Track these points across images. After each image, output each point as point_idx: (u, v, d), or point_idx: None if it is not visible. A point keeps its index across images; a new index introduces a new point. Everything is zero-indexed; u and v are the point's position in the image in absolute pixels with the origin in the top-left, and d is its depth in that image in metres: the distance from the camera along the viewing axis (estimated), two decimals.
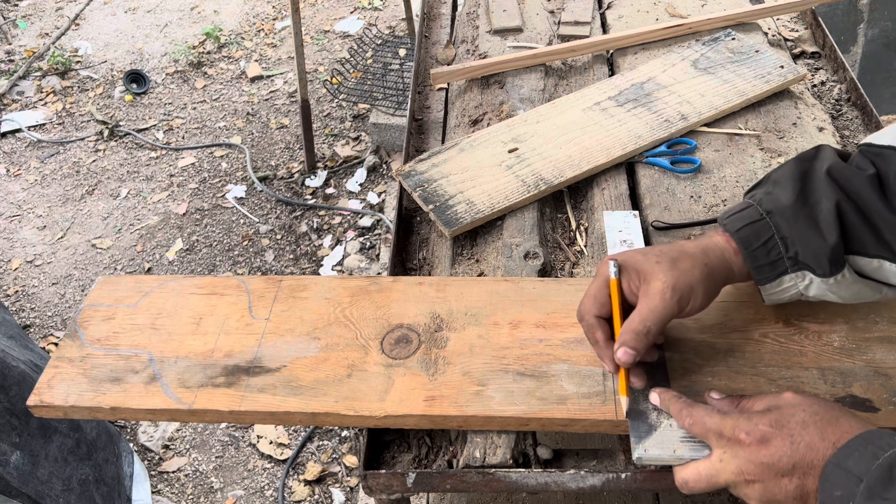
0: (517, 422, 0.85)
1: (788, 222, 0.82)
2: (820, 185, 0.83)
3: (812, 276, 0.83)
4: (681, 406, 0.78)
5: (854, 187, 0.82)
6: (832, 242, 0.80)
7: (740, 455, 0.70)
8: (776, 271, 0.84)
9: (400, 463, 0.89)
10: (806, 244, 0.82)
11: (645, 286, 0.82)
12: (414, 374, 0.90)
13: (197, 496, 2.22)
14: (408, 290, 1.00)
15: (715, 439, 0.73)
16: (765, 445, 0.68)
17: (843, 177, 0.82)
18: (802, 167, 0.86)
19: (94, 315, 1.01)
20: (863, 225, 0.81)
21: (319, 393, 0.88)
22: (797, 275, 0.84)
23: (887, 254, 0.81)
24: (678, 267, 0.82)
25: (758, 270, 0.84)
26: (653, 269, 0.82)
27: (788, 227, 0.82)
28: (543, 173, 1.19)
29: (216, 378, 0.91)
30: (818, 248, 0.81)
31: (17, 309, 2.83)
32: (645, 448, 0.78)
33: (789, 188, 0.84)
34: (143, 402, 0.90)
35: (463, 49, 1.61)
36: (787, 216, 0.83)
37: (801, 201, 0.83)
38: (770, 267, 0.84)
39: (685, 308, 0.82)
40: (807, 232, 0.82)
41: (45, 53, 4.18)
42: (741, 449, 0.70)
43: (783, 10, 1.54)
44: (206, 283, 1.04)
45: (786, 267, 0.83)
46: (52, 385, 0.93)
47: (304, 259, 2.92)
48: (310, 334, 0.96)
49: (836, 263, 0.81)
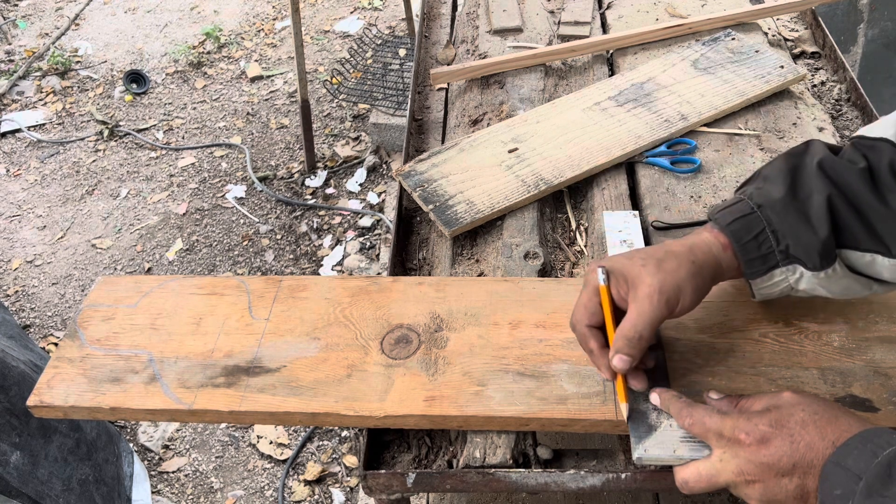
0: (517, 422, 0.85)
1: (779, 216, 0.82)
2: (811, 179, 0.82)
3: (803, 269, 0.82)
4: (680, 406, 0.77)
5: (845, 180, 0.81)
6: (823, 236, 0.80)
7: (740, 455, 0.70)
8: (767, 265, 0.83)
9: (400, 463, 0.89)
10: (797, 237, 0.81)
11: (633, 291, 0.81)
12: (414, 374, 0.89)
13: (197, 496, 2.22)
14: (407, 290, 1.00)
15: (715, 439, 0.73)
16: (765, 445, 0.68)
17: (833, 170, 0.82)
18: (793, 162, 0.85)
19: (94, 315, 1.01)
20: (855, 219, 0.81)
21: (319, 393, 0.88)
22: (788, 268, 0.83)
23: (880, 248, 0.81)
24: (664, 268, 0.81)
25: (749, 264, 0.84)
26: (639, 273, 0.82)
27: (779, 220, 0.82)
28: (543, 173, 1.19)
29: (216, 378, 0.91)
30: (809, 241, 0.81)
31: (17, 309, 2.83)
32: (645, 448, 0.78)
33: (780, 182, 0.83)
34: (143, 402, 0.90)
35: (463, 49, 1.61)
36: (777, 210, 0.82)
37: (791, 195, 0.82)
38: (761, 260, 0.83)
39: (675, 309, 0.82)
40: (798, 225, 0.81)
41: (45, 53, 4.19)
42: (741, 449, 0.70)
43: (783, 10, 1.54)
44: (205, 284, 1.04)
45: (777, 260, 0.83)
46: (52, 385, 0.93)
47: (304, 259, 2.92)
48: (310, 334, 0.95)
49: (827, 257, 0.81)
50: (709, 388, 0.84)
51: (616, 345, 0.81)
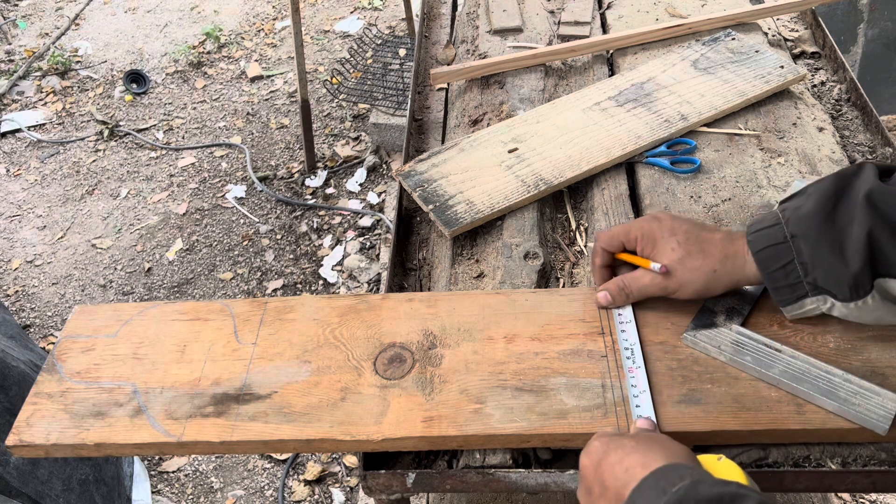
0: (518, 439, 0.84)
1: (811, 247, 0.81)
2: (853, 208, 0.80)
3: (833, 300, 0.83)
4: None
5: (894, 210, 0.79)
6: (855, 269, 0.79)
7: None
8: (795, 294, 0.84)
9: (400, 463, 0.89)
10: (827, 270, 0.81)
11: (651, 259, 0.90)
12: (410, 394, 0.87)
13: (197, 496, 2.22)
14: (398, 308, 0.98)
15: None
16: (583, 480, 0.74)
17: (883, 202, 0.79)
18: (840, 185, 0.83)
19: (73, 347, 0.97)
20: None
21: (314, 419, 0.86)
22: (818, 298, 0.83)
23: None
24: (686, 265, 0.86)
25: (777, 292, 0.85)
26: (666, 253, 0.88)
27: (811, 251, 0.81)
28: (543, 173, 1.19)
29: (205, 408, 0.88)
30: (840, 274, 0.80)
31: (17, 309, 2.83)
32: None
33: (820, 207, 0.82)
34: (129, 436, 0.86)
35: (463, 49, 1.61)
36: (810, 240, 0.81)
37: (829, 223, 0.81)
38: (789, 289, 0.84)
39: (672, 295, 0.91)
40: (828, 257, 0.81)
41: (45, 53, 4.19)
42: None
43: (783, 10, 1.54)
44: (188, 309, 1.00)
45: (805, 291, 0.83)
46: (32, 423, 0.88)
47: (304, 259, 2.92)
48: (300, 357, 0.92)
49: (858, 289, 0.80)
50: (708, 394, 0.84)
51: (609, 284, 0.93)
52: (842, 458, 0.83)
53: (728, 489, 0.61)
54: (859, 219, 0.79)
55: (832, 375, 0.83)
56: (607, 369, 0.88)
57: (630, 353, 0.89)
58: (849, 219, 0.80)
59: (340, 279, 2.81)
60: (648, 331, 0.92)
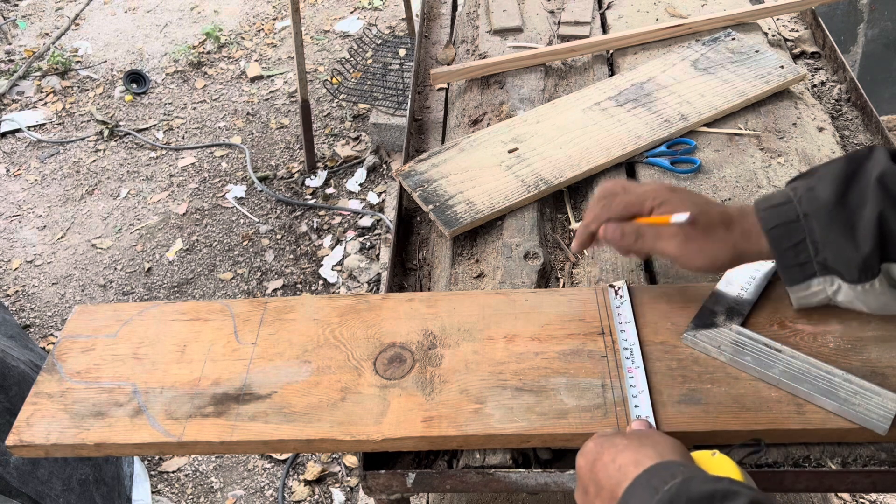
0: (518, 439, 0.84)
1: (823, 227, 0.81)
2: (865, 190, 0.80)
3: (841, 281, 0.82)
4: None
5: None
6: (866, 251, 0.79)
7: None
8: (804, 274, 0.83)
9: (400, 463, 0.89)
10: (837, 250, 0.80)
11: (656, 222, 0.88)
12: (410, 394, 0.88)
13: (197, 496, 2.22)
14: (398, 308, 0.98)
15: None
16: (580, 480, 0.73)
17: (895, 183, 0.79)
18: (852, 167, 0.82)
19: (73, 347, 0.97)
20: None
21: (313, 419, 0.86)
22: (826, 279, 0.83)
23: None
24: (689, 247, 0.85)
25: (786, 271, 0.84)
26: (673, 227, 0.86)
27: (823, 231, 0.81)
28: (543, 173, 1.19)
29: (205, 408, 0.88)
30: (850, 255, 0.80)
31: (17, 309, 2.83)
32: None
33: (832, 188, 0.81)
34: (129, 436, 0.87)
35: (463, 49, 1.61)
36: (822, 220, 0.81)
37: (840, 204, 0.81)
38: (799, 269, 0.83)
39: (678, 261, 0.88)
40: (839, 238, 0.80)
41: (45, 53, 4.18)
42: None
43: (783, 10, 1.54)
44: (188, 309, 1.01)
45: (814, 270, 0.83)
46: (32, 423, 0.89)
47: (304, 259, 2.92)
48: (300, 357, 0.93)
49: (867, 271, 0.80)
50: (708, 394, 0.85)
51: (624, 224, 0.89)
52: (842, 458, 0.83)
53: (719, 486, 0.61)
54: (871, 201, 0.79)
55: (832, 375, 0.83)
56: (607, 369, 0.88)
57: (629, 354, 0.89)
58: (861, 200, 0.80)
59: (340, 279, 2.81)
60: (648, 331, 0.92)
